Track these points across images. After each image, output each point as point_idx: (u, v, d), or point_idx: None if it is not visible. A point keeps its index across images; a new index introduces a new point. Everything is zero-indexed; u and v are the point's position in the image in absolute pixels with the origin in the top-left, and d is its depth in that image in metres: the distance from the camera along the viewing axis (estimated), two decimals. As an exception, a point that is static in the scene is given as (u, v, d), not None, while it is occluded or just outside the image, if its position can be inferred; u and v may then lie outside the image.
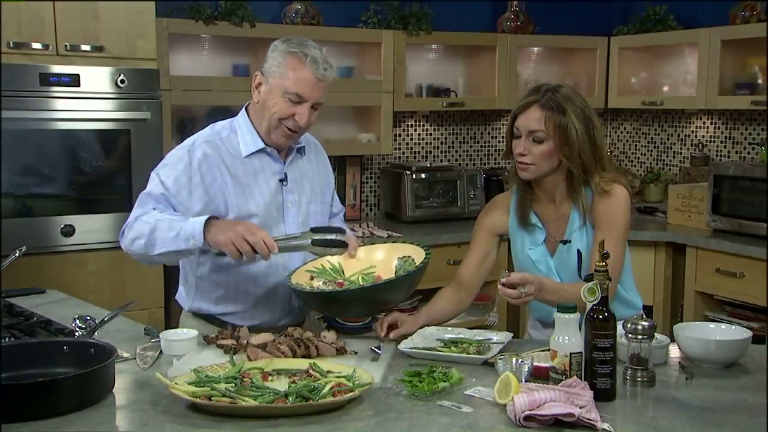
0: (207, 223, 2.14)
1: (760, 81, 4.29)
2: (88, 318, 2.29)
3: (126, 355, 2.10)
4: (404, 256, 2.36)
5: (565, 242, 2.34)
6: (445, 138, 4.99)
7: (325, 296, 2.23)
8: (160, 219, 2.21)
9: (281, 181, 2.40)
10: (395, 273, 2.32)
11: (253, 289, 2.38)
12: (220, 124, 2.42)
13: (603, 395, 1.81)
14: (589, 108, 2.31)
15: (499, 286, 2.10)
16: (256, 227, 2.16)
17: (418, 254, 2.34)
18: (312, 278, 2.35)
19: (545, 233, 2.38)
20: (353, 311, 2.40)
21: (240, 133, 2.37)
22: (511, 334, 2.26)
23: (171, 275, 3.60)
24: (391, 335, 2.25)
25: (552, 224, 2.37)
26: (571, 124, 2.24)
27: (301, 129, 2.32)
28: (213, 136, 2.37)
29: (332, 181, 2.60)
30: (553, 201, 2.37)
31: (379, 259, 2.40)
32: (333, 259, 2.38)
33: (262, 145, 2.36)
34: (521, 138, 2.29)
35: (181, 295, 2.51)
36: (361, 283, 2.29)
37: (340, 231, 2.36)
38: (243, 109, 2.42)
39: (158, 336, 2.19)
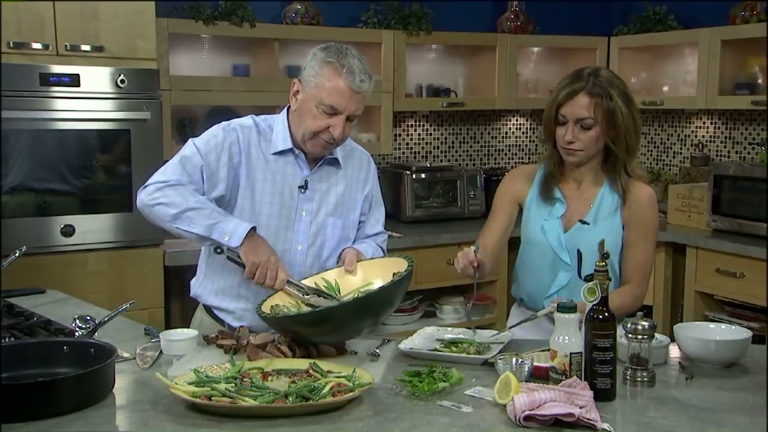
0: (249, 232, 2.18)
1: (760, 81, 4.29)
2: (88, 318, 2.30)
3: (126, 355, 2.10)
4: (396, 273, 2.23)
5: (584, 223, 2.37)
6: (445, 138, 4.99)
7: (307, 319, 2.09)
8: (202, 202, 2.21)
9: (300, 188, 2.36)
10: None
11: (249, 293, 2.34)
12: (261, 116, 2.42)
13: (603, 395, 1.81)
14: (628, 87, 2.37)
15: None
16: (283, 270, 2.20)
17: (402, 266, 2.23)
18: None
19: (565, 208, 2.40)
20: (341, 331, 2.13)
21: (275, 131, 2.36)
22: (511, 334, 2.26)
23: (171, 275, 3.61)
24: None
25: (573, 202, 2.40)
26: (618, 109, 2.29)
27: (337, 141, 2.29)
28: (250, 124, 2.37)
29: (371, 198, 2.50)
30: (579, 183, 2.41)
31: (360, 278, 2.31)
32: (329, 276, 2.32)
33: (290, 146, 2.34)
34: (567, 125, 2.31)
35: (194, 279, 2.50)
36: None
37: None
38: (285, 109, 2.40)
39: (158, 336, 2.19)
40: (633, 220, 2.37)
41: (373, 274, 2.31)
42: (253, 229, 2.21)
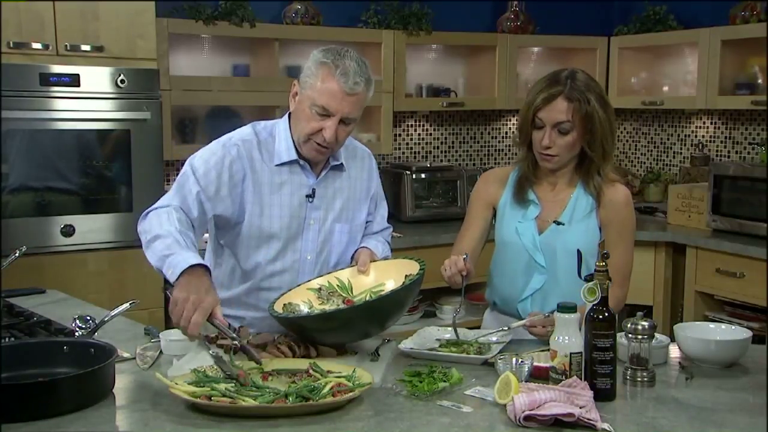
0: (191, 268, 1.96)
1: (760, 81, 4.29)
2: (88, 318, 2.30)
3: (126, 355, 2.10)
4: (409, 275, 2.25)
5: (558, 223, 2.35)
6: (445, 138, 4.99)
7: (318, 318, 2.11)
8: (164, 235, 2.06)
9: (308, 196, 2.32)
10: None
11: (260, 302, 2.33)
12: (262, 124, 2.36)
13: (603, 395, 1.81)
14: (604, 91, 2.34)
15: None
16: (201, 314, 1.90)
17: (414, 269, 2.25)
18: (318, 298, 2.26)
19: (539, 210, 2.38)
20: (353, 331, 2.13)
21: (278, 140, 2.31)
22: (511, 335, 2.26)
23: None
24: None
25: (547, 204, 2.39)
26: (595, 113, 2.26)
27: (331, 145, 2.23)
28: (251, 137, 2.30)
29: (375, 196, 2.48)
30: (553, 185, 2.40)
31: (373, 278, 2.31)
32: (342, 276, 2.31)
33: (295, 156, 2.29)
34: (544, 129, 2.28)
35: None
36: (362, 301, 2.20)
37: None
38: (286, 114, 2.35)
39: (158, 336, 2.19)
40: (610, 221, 2.35)
41: (386, 275, 2.31)
42: (201, 266, 1.98)
